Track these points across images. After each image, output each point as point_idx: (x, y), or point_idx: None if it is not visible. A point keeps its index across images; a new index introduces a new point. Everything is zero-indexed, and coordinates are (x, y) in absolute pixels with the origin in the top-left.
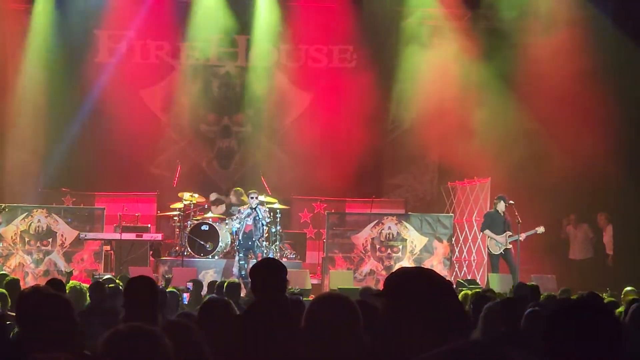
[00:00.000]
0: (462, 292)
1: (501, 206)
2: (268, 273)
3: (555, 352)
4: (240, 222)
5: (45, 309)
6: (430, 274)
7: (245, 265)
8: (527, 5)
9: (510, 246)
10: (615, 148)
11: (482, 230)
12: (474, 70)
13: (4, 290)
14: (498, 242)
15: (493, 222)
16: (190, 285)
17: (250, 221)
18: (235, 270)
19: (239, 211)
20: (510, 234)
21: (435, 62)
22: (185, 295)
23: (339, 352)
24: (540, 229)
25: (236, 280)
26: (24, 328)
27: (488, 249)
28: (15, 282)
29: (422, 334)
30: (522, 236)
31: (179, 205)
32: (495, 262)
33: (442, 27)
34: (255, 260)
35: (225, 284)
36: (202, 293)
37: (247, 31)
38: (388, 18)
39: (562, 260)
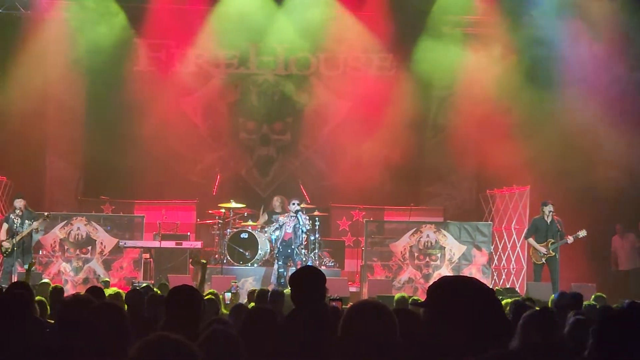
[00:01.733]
0: (503, 301)
1: (546, 211)
2: (308, 281)
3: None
4: (279, 230)
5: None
6: (473, 282)
7: (285, 273)
8: (566, 9)
9: (554, 254)
10: None
11: (525, 237)
12: (513, 77)
13: (43, 298)
14: (540, 252)
15: (538, 229)
16: (234, 286)
17: (289, 229)
18: (273, 278)
19: (278, 219)
20: (553, 241)
21: (474, 69)
22: (226, 296)
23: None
24: (583, 233)
25: (280, 289)
26: (69, 335)
27: (531, 258)
28: (59, 291)
29: (466, 342)
30: (570, 239)
31: (222, 208)
32: (538, 271)
33: (481, 33)
34: (294, 268)
35: (270, 293)
36: (240, 301)
37: (286, 39)
38: (427, 26)
39: (608, 270)
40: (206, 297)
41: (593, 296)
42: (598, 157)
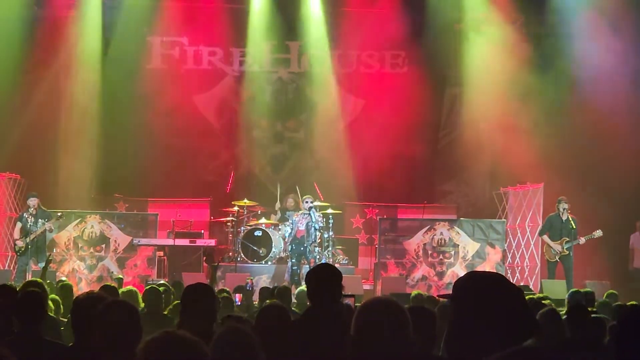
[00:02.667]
0: None
1: (562, 208)
2: (324, 279)
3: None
4: (292, 228)
5: (114, 315)
6: (499, 278)
7: (298, 270)
8: (581, 8)
9: (567, 252)
10: None
11: (540, 234)
12: (527, 74)
13: (57, 297)
14: (554, 249)
15: (552, 227)
16: (249, 283)
17: (302, 226)
18: (287, 276)
19: (291, 217)
20: (567, 239)
21: (488, 66)
22: (237, 297)
23: (388, 357)
24: (598, 233)
25: (286, 285)
26: (85, 333)
27: (544, 255)
28: (68, 288)
29: (492, 338)
30: (582, 240)
31: (237, 206)
32: (552, 268)
33: (494, 31)
34: (308, 266)
35: (276, 289)
36: (253, 298)
37: (300, 37)
38: (440, 23)
39: (625, 268)
40: (221, 296)
41: (605, 294)
42: (615, 152)
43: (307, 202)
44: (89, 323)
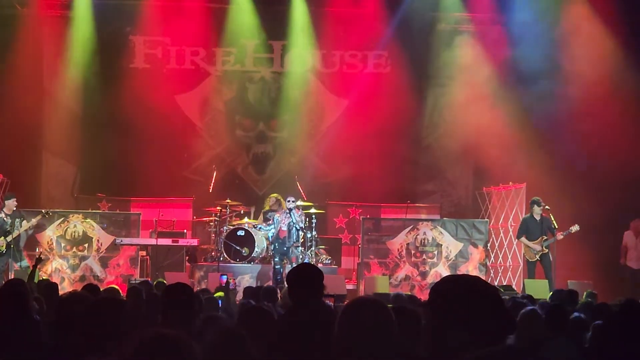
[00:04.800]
0: None
1: (536, 210)
2: (305, 279)
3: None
4: (274, 228)
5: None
6: (475, 280)
7: (281, 270)
8: (558, 6)
9: (546, 250)
10: None
11: (517, 237)
12: (510, 74)
13: (40, 296)
14: (533, 249)
15: (529, 229)
16: (232, 283)
17: (284, 227)
18: (271, 274)
19: (273, 217)
20: (546, 238)
21: (469, 67)
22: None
23: (372, 356)
24: (575, 228)
25: (272, 285)
26: (68, 333)
27: (524, 255)
28: (49, 286)
29: (469, 341)
30: (559, 236)
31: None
32: (531, 268)
33: (475, 31)
34: (290, 266)
35: (262, 289)
36: (237, 298)
37: (283, 37)
38: (422, 23)
39: (616, 267)
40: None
41: (585, 293)
42: (597, 150)
43: (289, 201)
44: (73, 322)
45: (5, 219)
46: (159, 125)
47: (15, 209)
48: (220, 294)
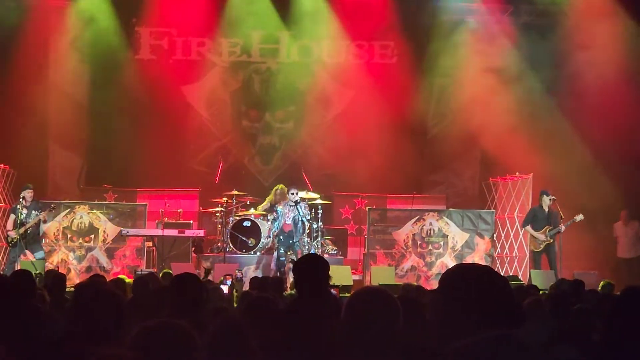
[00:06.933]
0: None
1: (545, 200)
2: (311, 269)
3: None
4: (278, 220)
5: (98, 304)
6: (486, 269)
7: (285, 261)
8: None
9: (551, 240)
10: None
11: (522, 226)
12: (515, 64)
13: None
14: (538, 239)
15: (535, 218)
16: (229, 281)
17: (289, 220)
18: (273, 265)
19: (277, 209)
20: (551, 228)
21: (477, 56)
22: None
23: (377, 346)
24: (579, 217)
25: (279, 276)
26: (77, 321)
27: (530, 246)
28: (55, 276)
29: (479, 328)
30: (562, 227)
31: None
32: (537, 258)
33: (484, 21)
34: (295, 257)
35: (269, 280)
36: (244, 288)
37: (289, 27)
38: (429, 13)
39: (610, 257)
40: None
41: (601, 284)
42: (604, 139)
43: (292, 193)
44: (86, 310)
45: (22, 210)
46: (165, 117)
47: (33, 200)
48: None
